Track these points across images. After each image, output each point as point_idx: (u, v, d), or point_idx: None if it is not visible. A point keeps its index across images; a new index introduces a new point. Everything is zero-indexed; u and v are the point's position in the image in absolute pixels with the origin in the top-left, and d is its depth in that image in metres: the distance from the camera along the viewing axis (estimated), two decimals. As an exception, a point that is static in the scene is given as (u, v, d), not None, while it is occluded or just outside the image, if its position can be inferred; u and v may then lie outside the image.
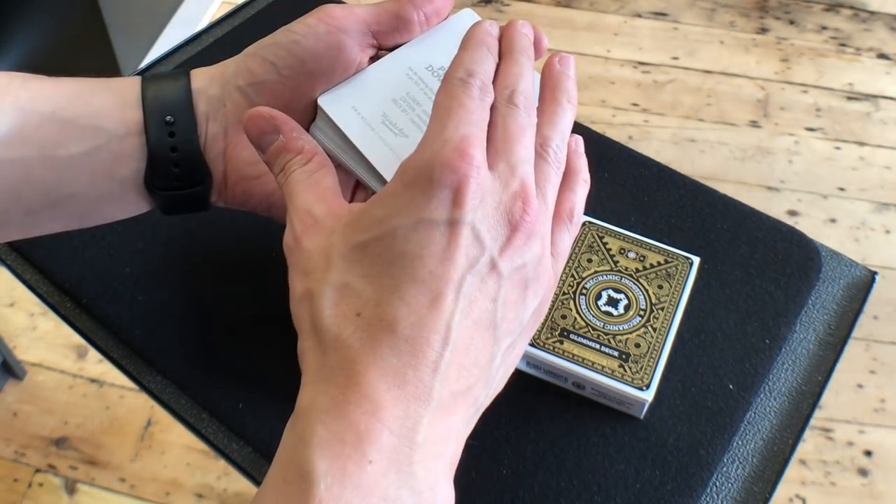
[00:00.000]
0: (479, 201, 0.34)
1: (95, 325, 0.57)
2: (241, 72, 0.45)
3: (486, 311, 0.34)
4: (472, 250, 0.34)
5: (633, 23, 1.95)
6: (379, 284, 0.34)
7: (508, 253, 0.35)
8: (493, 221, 0.35)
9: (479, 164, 0.34)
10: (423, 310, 0.33)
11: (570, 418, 0.52)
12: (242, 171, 0.46)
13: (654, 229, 0.60)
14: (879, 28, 1.95)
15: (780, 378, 0.55)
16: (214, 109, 0.45)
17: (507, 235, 0.35)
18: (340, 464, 0.30)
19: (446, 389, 0.33)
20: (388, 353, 0.32)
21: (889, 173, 1.67)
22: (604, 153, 0.66)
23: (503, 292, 0.35)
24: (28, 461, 1.26)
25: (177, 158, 0.44)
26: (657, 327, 0.53)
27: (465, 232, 0.34)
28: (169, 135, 0.44)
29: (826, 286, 0.59)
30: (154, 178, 0.45)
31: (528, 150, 0.37)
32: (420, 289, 0.33)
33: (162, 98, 0.44)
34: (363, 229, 0.35)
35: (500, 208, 0.35)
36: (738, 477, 0.51)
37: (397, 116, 0.43)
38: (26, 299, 1.41)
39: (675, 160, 1.66)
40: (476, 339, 0.34)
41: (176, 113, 0.44)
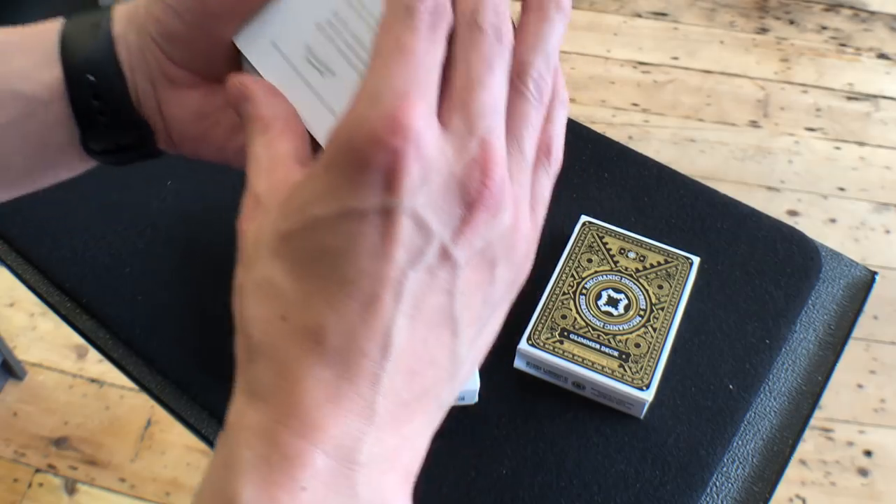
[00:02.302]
0: (422, 181, 0.27)
1: (95, 325, 0.57)
2: (150, 19, 0.38)
3: (441, 307, 0.29)
4: (414, 242, 0.28)
5: (633, 23, 1.95)
6: (304, 285, 0.28)
7: (465, 237, 0.28)
8: (443, 202, 0.28)
9: (420, 132, 0.27)
10: (354, 316, 0.28)
11: (570, 418, 0.52)
12: (183, 130, 0.41)
13: (654, 229, 0.60)
14: (879, 28, 1.95)
15: (780, 378, 0.55)
16: (137, 61, 0.39)
17: (461, 216, 0.28)
18: (269, 492, 0.26)
19: (393, 400, 0.28)
20: (317, 365, 0.28)
21: (889, 173, 1.67)
22: (604, 153, 0.66)
23: (461, 282, 0.29)
24: (28, 461, 1.26)
25: (107, 122, 0.39)
26: (657, 327, 0.53)
27: (404, 221, 0.27)
28: (94, 97, 0.38)
29: (826, 286, 0.59)
30: (89, 143, 0.40)
31: (495, 92, 0.29)
32: (350, 291, 0.28)
33: (81, 52, 0.38)
34: (288, 215, 0.29)
35: (451, 183, 0.28)
36: (738, 477, 0.51)
37: (323, 48, 0.34)
38: (26, 299, 1.41)
39: (675, 160, 1.66)
40: (430, 339, 0.29)
41: (98, 70, 0.38)
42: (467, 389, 0.51)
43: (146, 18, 0.38)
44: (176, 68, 0.39)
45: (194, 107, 0.40)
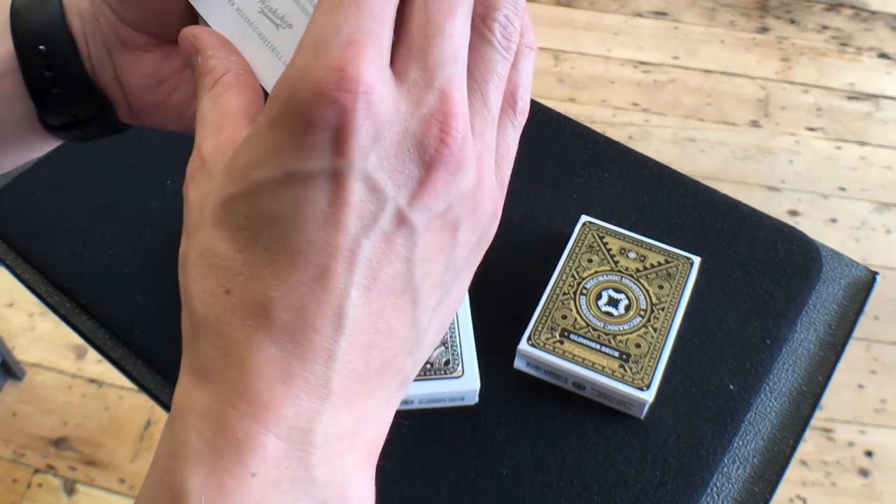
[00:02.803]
0: (373, 140, 0.25)
1: (95, 325, 0.57)
2: None
3: (399, 276, 0.27)
4: (366, 207, 0.25)
5: (634, 22, 1.95)
6: (249, 255, 0.26)
7: (424, 199, 0.26)
8: (398, 162, 0.25)
9: (371, 85, 0.24)
10: (303, 289, 0.25)
11: (571, 419, 0.51)
12: (142, 98, 0.38)
13: (655, 229, 0.60)
14: (880, 28, 1.94)
15: (780, 378, 0.55)
16: (91, 29, 0.37)
17: (419, 177, 0.26)
18: (217, 479, 0.25)
19: (350, 377, 0.26)
20: (266, 342, 0.26)
21: (890, 173, 1.67)
22: (604, 153, 0.66)
23: (421, 248, 0.27)
24: (27, 461, 1.26)
25: (62, 93, 0.37)
26: (657, 327, 0.52)
27: (354, 185, 0.25)
28: (46, 68, 0.36)
29: (827, 286, 0.59)
30: (46, 118, 0.38)
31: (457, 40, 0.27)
32: (298, 262, 0.25)
33: (31, 23, 0.36)
34: (232, 179, 0.27)
35: (406, 141, 0.25)
36: (738, 477, 0.51)
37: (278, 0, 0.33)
38: (26, 299, 1.41)
39: (676, 160, 1.66)
40: (388, 310, 0.27)
41: (49, 40, 0.36)
42: (467, 389, 0.51)
43: None
44: (130, 31, 0.37)
45: (151, 71, 0.38)
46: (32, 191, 0.63)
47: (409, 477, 0.49)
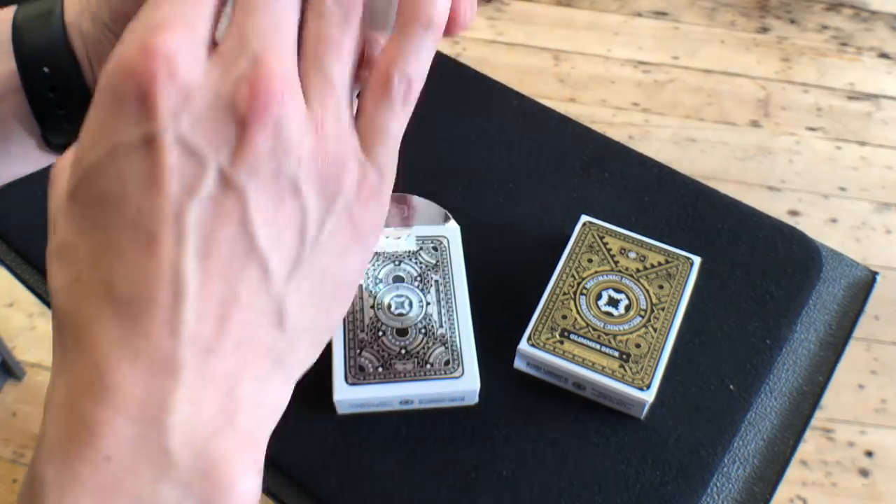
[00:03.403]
0: (183, 103, 0.26)
1: (94, 326, 0.57)
2: (103, 5, 0.37)
3: (236, 240, 0.26)
4: (186, 169, 0.25)
5: (634, 22, 1.95)
6: (91, 238, 0.26)
7: (245, 158, 0.26)
8: (212, 123, 0.26)
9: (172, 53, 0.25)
10: (139, 261, 0.25)
11: (571, 419, 0.51)
12: None
13: (655, 229, 0.60)
14: (880, 28, 1.94)
15: (780, 378, 0.55)
16: (94, 49, 0.38)
17: (236, 136, 0.26)
18: (71, 467, 0.25)
19: (201, 350, 0.26)
20: (110, 323, 0.26)
21: (890, 173, 1.67)
22: (604, 153, 0.65)
23: (255, 211, 0.26)
24: (27, 461, 1.26)
25: (65, 115, 0.38)
26: (658, 327, 0.52)
27: (169, 148, 0.25)
28: (50, 90, 0.37)
29: (827, 286, 0.59)
30: (49, 136, 0.39)
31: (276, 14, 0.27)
32: (131, 235, 0.26)
33: (35, 43, 0.37)
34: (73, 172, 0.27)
35: (218, 104, 0.26)
36: (738, 477, 0.51)
37: None
38: (25, 299, 1.41)
39: (676, 160, 1.66)
40: (232, 277, 0.26)
41: (53, 62, 0.37)
42: (467, 389, 0.51)
43: (98, 5, 0.37)
44: None
45: None
46: (32, 191, 0.63)
47: (409, 477, 0.49)
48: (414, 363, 0.51)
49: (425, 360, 0.51)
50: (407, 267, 0.55)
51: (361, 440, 0.51)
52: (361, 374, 0.51)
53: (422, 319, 0.53)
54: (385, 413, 0.51)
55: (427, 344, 0.52)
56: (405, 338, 0.52)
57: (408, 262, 0.56)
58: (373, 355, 0.51)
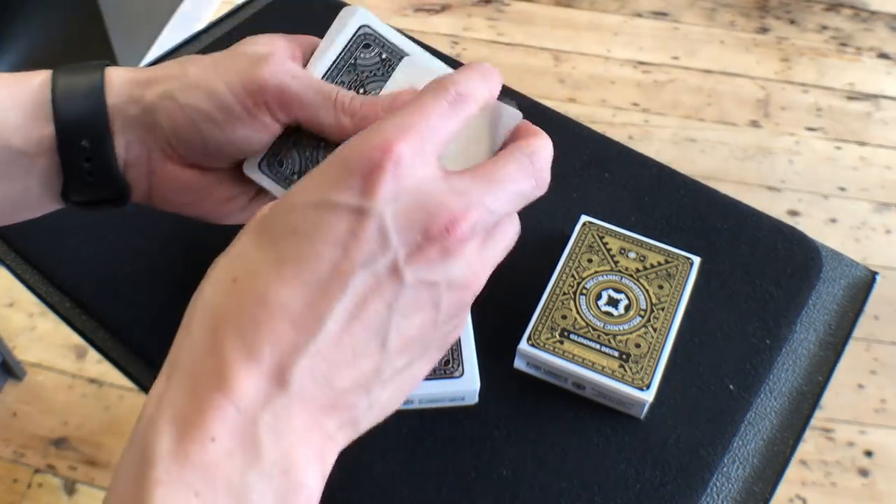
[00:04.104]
0: (395, 196, 0.31)
1: (95, 325, 0.57)
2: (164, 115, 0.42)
3: (377, 315, 0.31)
4: (372, 245, 0.31)
5: (634, 22, 1.95)
6: (262, 254, 0.31)
7: (416, 263, 0.31)
8: (408, 222, 0.31)
9: (404, 155, 0.31)
10: (296, 292, 0.30)
11: (571, 418, 0.52)
12: (173, 198, 0.45)
13: (655, 229, 0.60)
14: (880, 28, 1.94)
15: (780, 378, 0.55)
16: (137, 133, 0.43)
17: (418, 244, 0.31)
18: (183, 445, 0.28)
19: (309, 379, 0.30)
20: (248, 325, 0.30)
21: (890, 173, 1.67)
22: (604, 153, 0.66)
23: (403, 302, 0.31)
24: (27, 461, 1.26)
25: (94, 180, 0.42)
26: (657, 327, 0.52)
27: (371, 223, 0.30)
28: (86, 160, 0.42)
29: (827, 286, 0.59)
30: (71, 194, 0.43)
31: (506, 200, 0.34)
32: (301, 270, 0.30)
33: (75, 115, 0.41)
34: (273, 204, 0.33)
35: (420, 212, 0.31)
36: (738, 477, 0.51)
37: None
38: (26, 299, 1.41)
39: (676, 160, 1.66)
40: (359, 340, 0.31)
41: (92, 136, 0.41)
42: (467, 390, 0.51)
43: (163, 111, 0.42)
44: (176, 154, 0.43)
45: (188, 182, 0.44)
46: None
47: (409, 477, 0.49)
48: (414, 363, 0.51)
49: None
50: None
51: (361, 440, 0.51)
52: (361, 374, 0.51)
53: (422, 319, 0.53)
54: (385, 413, 0.51)
55: (427, 344, 0.52)
56: (405, 338, 0.52)
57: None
58: (373, 355, 0.51)
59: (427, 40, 0.68)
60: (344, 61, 0.44)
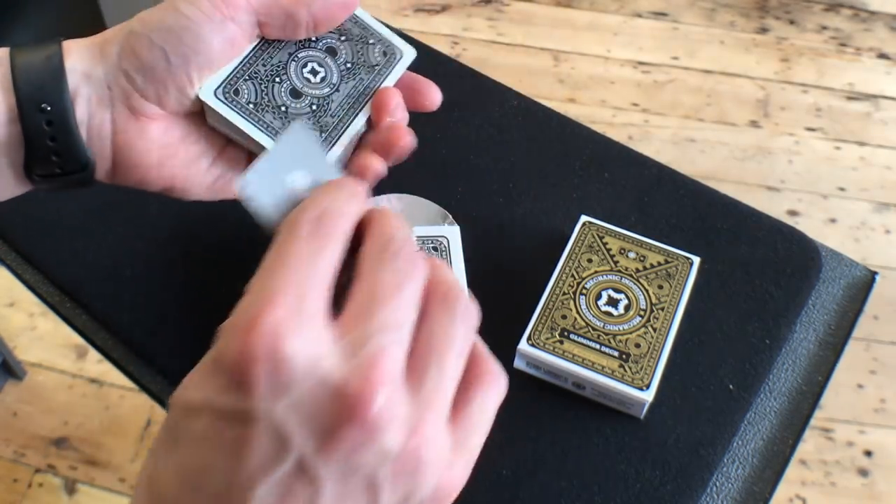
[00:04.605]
0: (281, 387, 0.26)
1: (95, 325, 0.57)
2: (127, 54, 0.41)
3: None
4: (267, 449, 0.26)
5: (633, 23, 1.95)
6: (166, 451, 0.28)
7: (330, 453, 0.26)
8: (310, 411, 0.26)
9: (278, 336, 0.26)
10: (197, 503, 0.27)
11: (570, 418, 0.52)
12: (137, 160, 0.43)
13: (654, 229, 0.60)
14: (879, 28, 1.95)
15: (780, 378, 0.55)
16: (98, 93, 0.42)
17: (330, 431, 0.26)
18: None
19: None
20: None
21: (889, 173, 1.67)
22: (604, 153, 0.66)
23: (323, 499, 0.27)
24: (28, 461, 1.26)
25: (56, 147, 0.41)
26: (657, 327, 0.52)
27: (259, 426, 0.26)
28: (46, 123, 0.41)
29: (826, 286, 0.59)
30: (33, 167, 0.42)
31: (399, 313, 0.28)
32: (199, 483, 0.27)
33: (35, 81, 0.40)
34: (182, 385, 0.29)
35: (323, 395, 0.26)
36: (738, 477, 0.51)
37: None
38: (26, 299, 1.41)
39: (675, 160, 1.66)
40: None
41: (52, 99, 0.40)
42: (467, 389, 0.51)
43: (121, 55, 0.41)
44: (144, 101, 0.42)
45: (154, 137, 0.43)
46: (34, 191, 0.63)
47: (409, 476, 0.49)
48: (414, 363, 0.51)
49: None
50: (407, 267, 0.56)
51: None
52: (362, 374, 0.51)
53: (422, 319, 0.53)
54: (385, 413, 0.51)
55: (427, 344, 0.52)
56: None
57: (408, 263, 0.56)
58: (373, 355, 0.51)
59: (427, 40, 0.68)
60: None
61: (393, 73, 0.46)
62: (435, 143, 0.65)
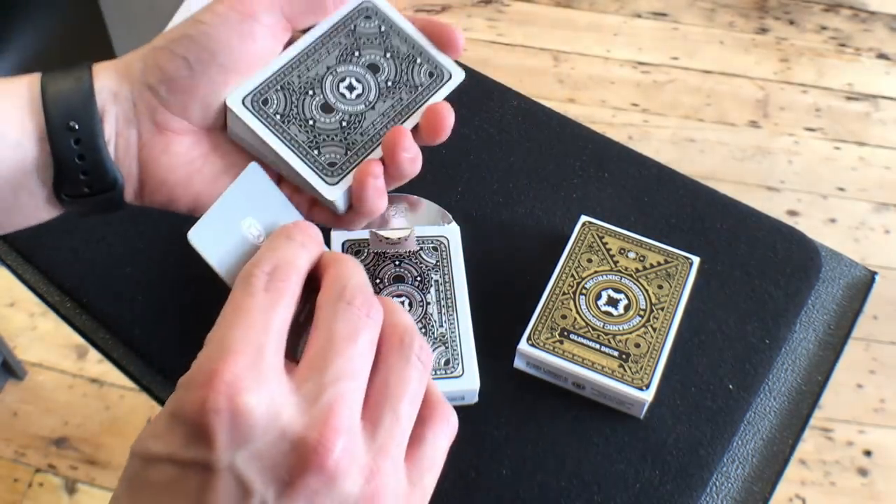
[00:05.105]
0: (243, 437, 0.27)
1: (95, 325, 0.57)
2: (150, 69, 0.42)
3: None
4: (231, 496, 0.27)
5: (633, 23, 1.95)
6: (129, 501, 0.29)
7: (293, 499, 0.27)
8: (271, 460, 0.27)
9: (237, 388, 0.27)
10: None
11: (570, 418, 0.52)
12: (163, 176, 0.43)
13: (654, 229, 0.60)
14: (879, 28, 1.95)
15: (779, 378, 0.55)
16: (125, 111, 0.42)
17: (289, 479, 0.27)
18: None
19: None
20: None
21: (889, 173, 1.67)
22: (604, 153, 0.66)
23: None
24: (28, 461, 1.26)
25: (85, 166, 0.42)
26: (657, 327, 0.53)
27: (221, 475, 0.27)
28: (75, 142, 0.41)
29: (826, 286, 0.59)
30: (62, 186, 0.42)
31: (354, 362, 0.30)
32: None
33: (63, 101, 0.41)
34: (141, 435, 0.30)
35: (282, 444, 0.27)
36: (737, 477, 0.51)
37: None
38: (26, 299, 1.41)
39: (675, 160, 1.66)
40: None
41: (80, 118, 0.41)
42: (467, 389, 0.51)
43: (145, 70, 0.42)
44: (169, 115, 0.42)
45: (180, 152, 0.43)
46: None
47: (409, 476, 0.49)
48: (414, 363, 0.51)
49: None
50: (407, 267, 0.56)
51: (362, 440, 0.51)
52: (362, 374, 0.51)
53: (422, 319, 0.53)
54: (385, 413, 0.51)
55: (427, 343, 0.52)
56: (405, 338, 0.52)
57: (408, 262, 0.56)
58: (373, 355, 0.51)
59: (427, 41, 0.68)
60: (343, 25, 0.45)
61: (437, 95, 0.45)
62: (435, 143, 0.65)
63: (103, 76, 0.42)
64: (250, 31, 0.41)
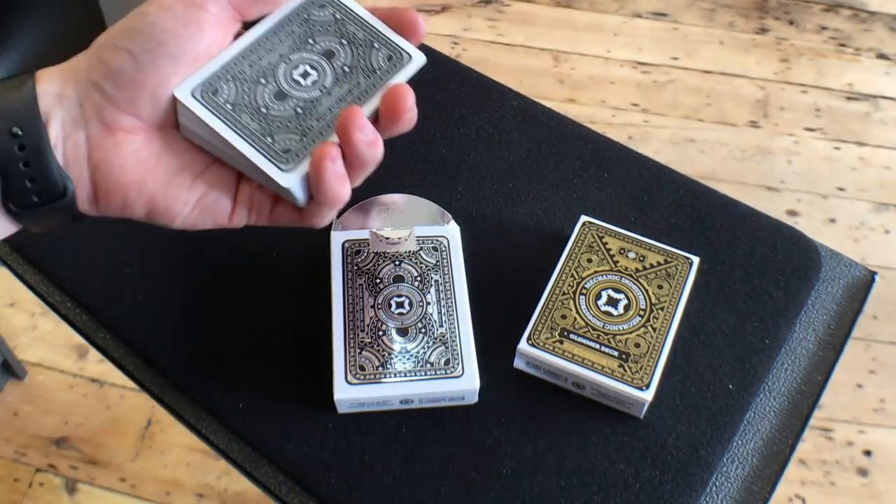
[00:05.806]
0: None
1: (96, 325, 0.57)
2: (95, 66, 0.41)
3: None
4: None
5: (633, 23, 1.95)
6: None
7: None
8: None
9: None
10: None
11: (570, 418, 0.52)
12: (116, 178, 0.42)
13: (654, 229, 0.60)
14: (879, 28, 1.95)
15: (779, 378, 0.55)
16: (71, 113, 0.41)
17: None
18: None
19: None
20: None
21: (889, 173, 1.67)
22: (604, 153, 0.66)
23: None
24: (28, 461, 1.26)
25: (31, 173, 0.40)
26: (657, 327, 0.53)
27: None
28: (18, 148, 0.40)
29: (826, 286, 0.59)
30: (10, 196, 0.41)
31: None
32: None
33: (5, 107, 0.40)
34: None
35: None
36: (737, 477, 0.51)
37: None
38: (27, 299, 1.41)
39: (675, 160, 1.66)
40: None
41: (23, 123, 0.40)
42: (467, 389, 0.51)
43: (90, 68, 0.41)
44: (118, 113, 0.41)
45: (131, 151, 0.42)
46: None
47: (409, 477, 0.49)
48: (414, 363, 0.51)
49: (425, 360, 0.51)
50: (407, 267, 0.56)
51: (361, 440, 0.51)
52: (362, 374, 0.51)
53: (422, 319, 0.53)
54: (385, 412, 0.51)
55: (427, 343, 0.52)
56: (405, 337, 0.52)
57: (408, 262, 0.56)
58: (373, 355, 0.52)
59: (427, 41, 0.68)
60: (296, 15, 0.44)
61: (396, 77, 0.43)
62: (435, 143, 0.65)
63: (46, 80, 0.41)
64: (197, 20, 0.40)
